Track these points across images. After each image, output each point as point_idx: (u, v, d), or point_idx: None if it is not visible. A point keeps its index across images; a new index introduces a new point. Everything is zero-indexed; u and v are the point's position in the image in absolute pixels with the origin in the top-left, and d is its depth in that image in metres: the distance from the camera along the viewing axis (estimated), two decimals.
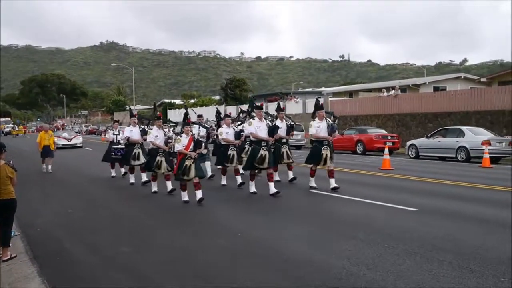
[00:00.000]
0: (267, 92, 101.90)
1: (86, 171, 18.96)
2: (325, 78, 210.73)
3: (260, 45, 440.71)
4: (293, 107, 44.28)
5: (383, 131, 29.97)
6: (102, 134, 66.48)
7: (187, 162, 10.58)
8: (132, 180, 14.63)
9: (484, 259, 6.24)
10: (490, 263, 6.03)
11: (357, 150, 28.29)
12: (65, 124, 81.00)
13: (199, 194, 10.67)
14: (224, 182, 13.79)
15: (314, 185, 12.71)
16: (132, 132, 14.61)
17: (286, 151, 13.48)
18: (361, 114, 38.45)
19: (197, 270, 6.03)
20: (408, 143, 26.53)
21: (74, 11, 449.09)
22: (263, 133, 11.96)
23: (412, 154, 25.51)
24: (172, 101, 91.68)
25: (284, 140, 13.45)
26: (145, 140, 14.01)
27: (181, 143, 10.67)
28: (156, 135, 12.77)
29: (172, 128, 14.40)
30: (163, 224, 9.05)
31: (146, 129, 14.30)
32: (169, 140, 12.28)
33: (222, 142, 13.62)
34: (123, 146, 15.61)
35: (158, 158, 12.53)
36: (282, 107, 14.44)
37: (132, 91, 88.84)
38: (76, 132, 45.60)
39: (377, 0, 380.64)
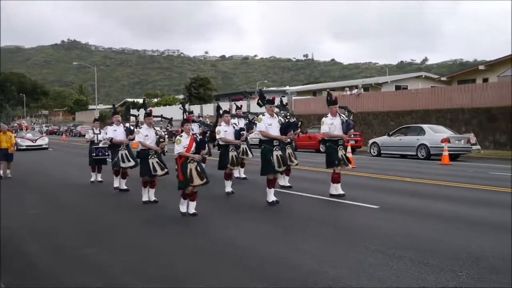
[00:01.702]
0: (231, 91, 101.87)
1: (52, 173, 18.59)
2: (289, 77, 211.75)
3: (225, 44, 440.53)
4: (257, 106, 44.32)
5: None
6: (63, 134, 65.56)
7: (191, 166, 9.07)
8: (116, 184, 13.24)
9: (443, 254, 6.41)
10: (448, 259, 6.20)
11: (321, 149, 28.53)
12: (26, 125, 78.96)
13: (192, 206, 9.34)
14: (229, 189, 12.19)
15: (341, 192, 11.21)
16: (116, 132, 13.05)
17: (291, 153, 12.39)
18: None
19: (165, 270, 6.02)
20: (370, 141, 26.96)
21: (35, 8, 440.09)
22: (274, 131, 10.38)
23: (374, 152, 25.91)
24: (136, 100, 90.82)
25: (288, 140, 11.92)
26: (130, 140, 12.89)
27: (182, 144, 9.15)
28: (146, 135, 10.85)
29: (167, 125, 12.85)
30: (135, 224, 8.93)
31: (132, 128, 13.08)
32: (161, 140, 10.80)
33: (221, 142, 12.45)
34: (106, 146, 14.29)
35: (151, 160, 10.68)
36: (285, 102, 13.00)
37: (94, 91, 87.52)
38: (40, 132, 44.11)
39: (341, 0, 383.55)
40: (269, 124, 10.36)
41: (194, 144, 9.21)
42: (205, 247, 7.13)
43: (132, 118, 13.61)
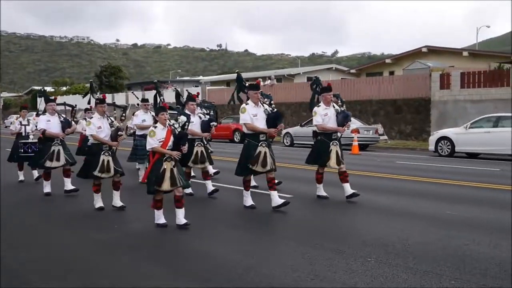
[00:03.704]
0: (144, 80, 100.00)
1: None
2: (203, 66, 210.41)
3: (136, 32, 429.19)
4: (170, 95, 43.85)
5: None
6: None
7: (166, 166, 7.36)
8: (47, 189, 10.68)
9: (354, 241, 6.60)
10: (358, 245, 6.39)
11: (235, 138, 28.66)
12: None
13: (180, 214, 7.51)
14: (189, 190, 9.81)
15: (324, 194, 9.98)
16: (50, 123, 10.57)
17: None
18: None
19: (71, 265, 5.77)
20: (283, 131, 27.35)
21: None
22: (260, 122, 8.79)
23: (287, 142, 26.33)
24: (43, 88, 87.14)
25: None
26: (67, 134, 10.81)
27: (156, 137, 7.39)
28: (99, 126, 8.90)
29: (121, 115, 10.54)
30: (47, 223, 8.44)
31: (70, 119, 11.05)
32: (119, 133, 8.92)
33: None
34: (35, 141, 11.77)
35: (102, 157, 8.77)
36: (197, 92, 11.04)
37: None
38: None
39: None
40: (254, 115, 8.76)
41: (172, 138, 7.50)
42: (116, 241, 6.96)
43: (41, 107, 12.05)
